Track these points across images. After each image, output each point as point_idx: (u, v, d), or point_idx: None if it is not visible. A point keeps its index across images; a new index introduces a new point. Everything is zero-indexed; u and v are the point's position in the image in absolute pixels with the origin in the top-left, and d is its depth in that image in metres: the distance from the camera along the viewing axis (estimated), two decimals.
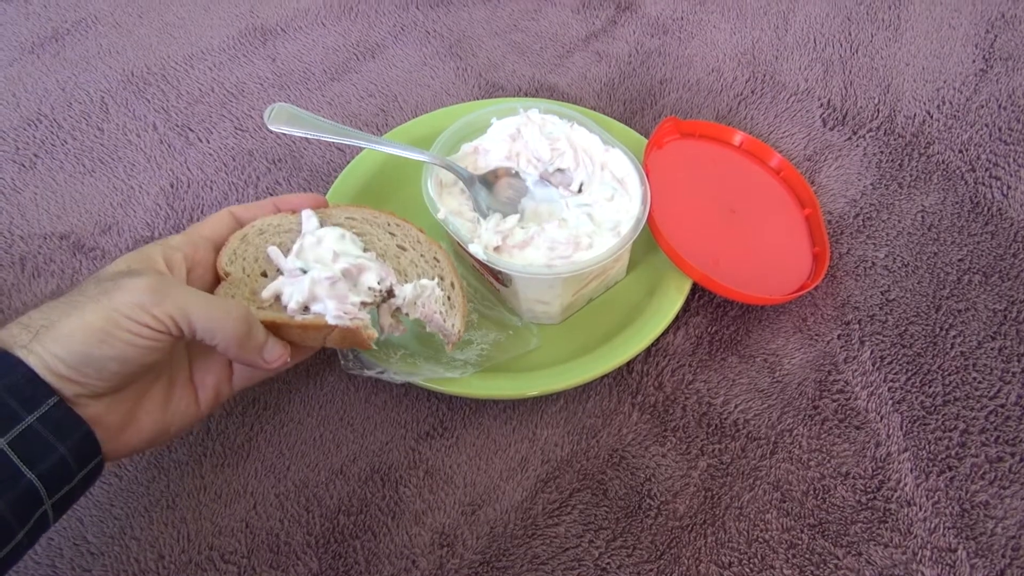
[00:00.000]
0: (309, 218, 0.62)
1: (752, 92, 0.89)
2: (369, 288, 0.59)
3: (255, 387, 0.68)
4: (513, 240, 0.65)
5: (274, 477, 0.63)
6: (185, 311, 0.49)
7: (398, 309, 0.61)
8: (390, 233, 0.64)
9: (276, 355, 0.54)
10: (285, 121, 0.67)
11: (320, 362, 0.70)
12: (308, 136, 0.67)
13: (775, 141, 0.85)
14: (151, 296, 0.48)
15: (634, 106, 0.88)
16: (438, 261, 0.64)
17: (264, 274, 0.60)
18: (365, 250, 0.62)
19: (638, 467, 0.63)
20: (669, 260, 0.69)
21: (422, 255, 0.63)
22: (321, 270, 0.58)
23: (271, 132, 0.84)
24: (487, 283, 0.71)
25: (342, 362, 0.64)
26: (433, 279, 0.62)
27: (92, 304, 0.47)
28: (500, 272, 0.66)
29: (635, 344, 0.66)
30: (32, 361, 0.45)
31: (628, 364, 0.69)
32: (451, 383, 0.64)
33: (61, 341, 0.45)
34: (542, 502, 0.62)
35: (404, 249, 0.63)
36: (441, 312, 0.62)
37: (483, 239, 0.65)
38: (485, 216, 0.68)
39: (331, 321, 0.55)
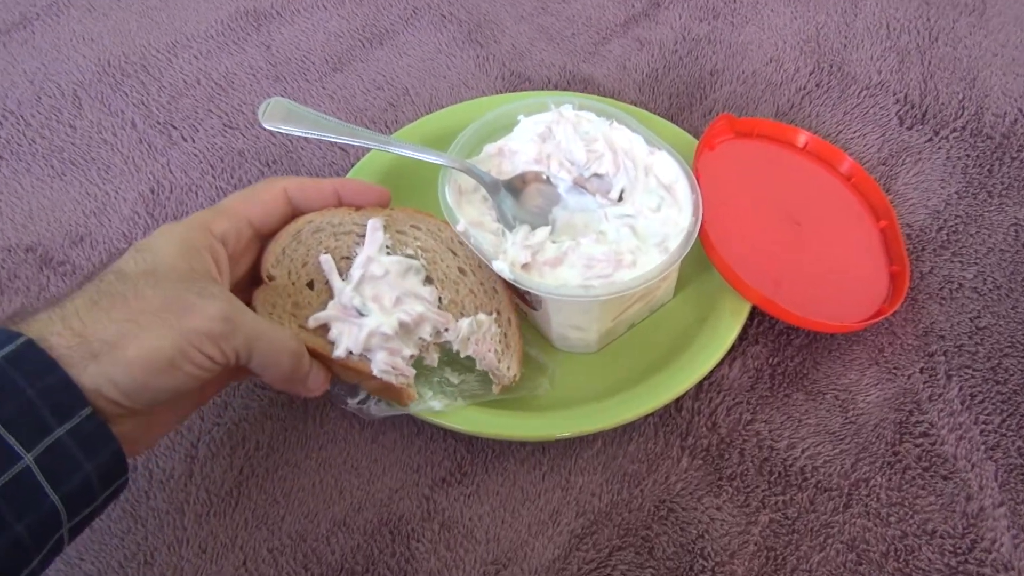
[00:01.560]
0: (375, 232, 0.64)
1: (817, 86, 0.88)
2: (420, 338, 0.62)
3: (245, 424, 0.67)
4: (543, 256, 0.65)
5: (267, 529, 0.63)
6: (252, 347, 0.52)
7: (446, 342, 0.63)
8: (452, 252, 0.66)
9: (318, 385, 0.59)
10: (281, 118, 0.67)
11: (322, 397, 0.69)
12: (307, 135, 0.67)
13: (845, 142, 0.84)
14: (225, 327, 0.50)
15: (681, 101, 0.87)
16: (496, 292, 0.66)
17: (311, 285, 0.62)
18: (427, 279, 0.64)
19: (689, 521, 0.62)
20: (724, 280, 0.68)
21: (482, 283, 0.65)
22: (380, 319, 0.60)
23: (265, 130, 0.84)
24: (521, 314, 0.71)
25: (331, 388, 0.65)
26: (491, 313, 0.64)
27: (160, 325, 0.48)
28: (529, 294, 0.65)
29: (684, 378, 0.65)
30: (85, 383, 0.45)
31: (676, 401, 0.68)
32: (466, 418, 0.63)
33: (123, 366, 0.46)
34: (577, 561, 0.61)
35: (464, 274, 0.65)
36: (496, 351, 0.64)
37: (509, 255, 0.64)
38: (511, 228, 0.67)
39: (376, 373, 0.59)
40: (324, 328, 0.60)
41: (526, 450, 0.66)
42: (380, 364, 0.59)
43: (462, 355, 0.63)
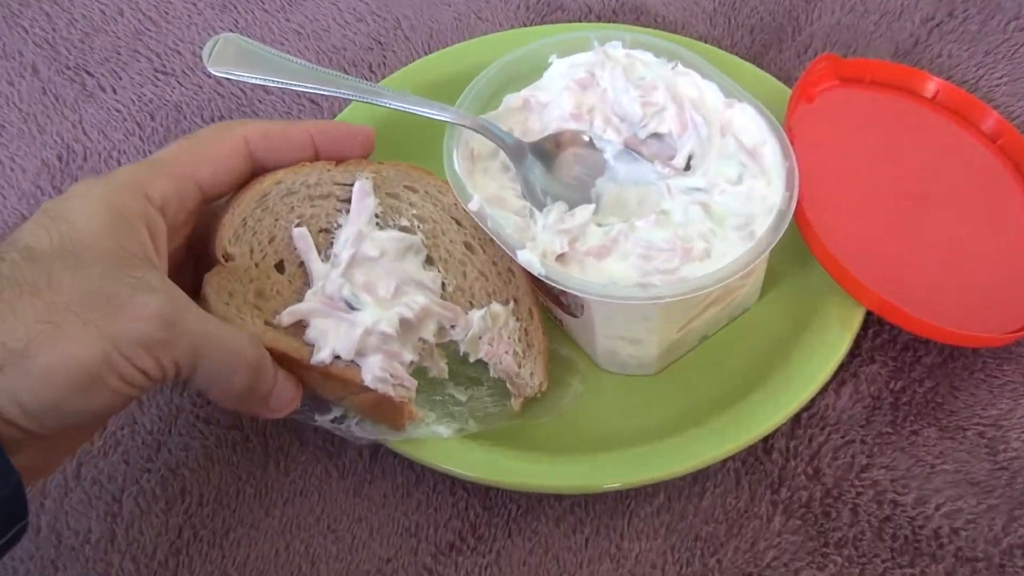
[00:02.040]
0: (364, 198, 0.65)
1: (950, 15, 0.88)
2: (421, 339, 0.63)
3: (184, 470, 0.67)
4: (586, 244, 0.65)
5: None
6: (197, 357, 0.52)
7: (450, 342, 0.64)
8: (456, 222, 0.67)
9: (285, 402, 0.59)
10: (232, 60, 0.67)
11: (287, 430, 0.69)
12: (266, 83, 0.67)
13: (988, 91, 0.83)
14: (165, 332, 0.50)
15: (767, 37, 0.87)
16: (512, 275, 0.67)
17: (280, 267, 0.63)
18: (428, 260, 0.65)
19: None
20: (828, 276, 0.68)
21: (494, 262, 0.66)
22: (377, 314, 0.61)
23: (211, 77, 0.84)
24: (545, 308, 0.71)
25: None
26: (507, 303, 0.65)
27: (80, 328, 0.48)
28: (565, 295, 0.65)
29: (776, 408, 0.65)
30: None
31: (766, 440, 0.67)
32: (480, 462, 0.64)
33: (31, 381, 0.47)
34: None
35: (472, 251, 0.66)
36: (516, 352, 0.65)
37: (539, 243, 0.64)
38: (541, 206, 0.67)
39: (370, 383, 0.60)
40: (298, 325, 0.61)
41: (563, 506, 0.66)
42: (375, 371, 0.60)
43: (472, 358, 0.64)
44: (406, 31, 0.88)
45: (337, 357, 0.60)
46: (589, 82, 0.72)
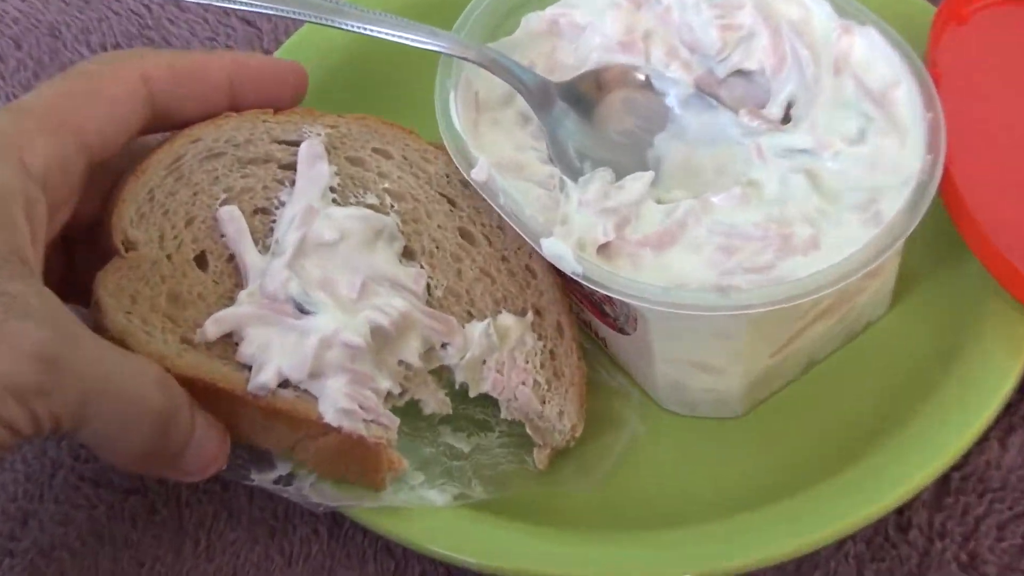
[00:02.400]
0: (314, 163, 0.66)
1: None
2: (402, 363, 0.63)
3: (63, 554, 0.67)
4: (640, 229, 0.65)
5: None
6: (84, 407, 0.53)
7: (444, 369, 0.64)
8: (448, 201, 0.68)
9: (204, 462, 0.60)
10: None
11: (210, 496, 0.69)
12: None
13: None
14: (43, 375, 0.51)
15: None
16: (533, 275, 0.67)
17: (202, 259, 0.63)
18: (406, 251, 0.66)
19: None
20: (989, 276, 0.68)
21: (504, 257, 0.67)
22: (338, 318, 0.61)
23: None
24: (581, 322, 0.70)
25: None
26: (524, 313, 0.66)
27: None
28: (611, 302, 0.65)
29: (913, 467, 0.65)
30: None
31: (900, 512, 0.67)
32: (497, 547, 0.63)
33: None
34: None
35: (472, 241, 0.67)
36: (538, 383, 0.65)
37: (573, 227, 0.64)
38: (577, 175, 0.67)
39: (329, 418, 0.59)
40: (228, 341, 0.61)
41: None
42: (337, 400, 0.60)
43: (473, 391, 0.64)
44: None
45: (285, 384, 0.60)
46: None
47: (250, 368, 0.60)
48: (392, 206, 0.66)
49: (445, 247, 0.66)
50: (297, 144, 0.65)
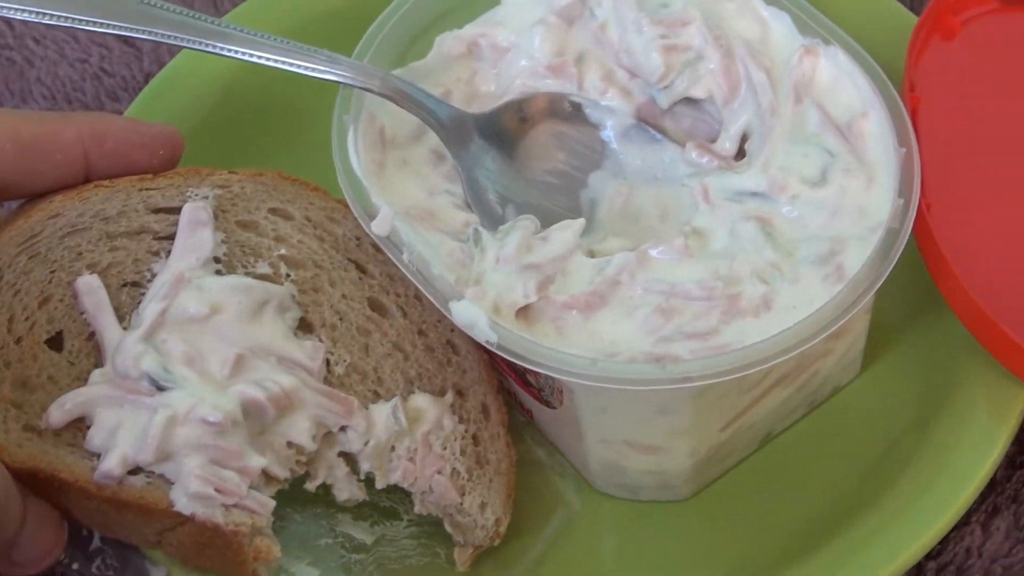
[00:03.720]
0: (196, 230, 0.66)
1: None
2: (289, 444, 0.63)
3: None
4: (567, 289, 0.64)
5: None
6: None
7: (348, 456, 0.64)
8: (358, 267, 0.68)
9: (37, 554, 0.61)
10: None
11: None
12: (36, 19, 0.67)
13: None
14: None
15: None
16: (454, 351, 0.68)
17: (56, 341, 0.64)
18: (303, 322, 0.66)
19: None
20: (969, 335, 0.67)
21: (421, 331, 0.68)
22: (198, 392, 0.61)
23: None
24: (506, 392, 0.70)
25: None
26: (444, 393, 0.66)
27: None
28: (535, 375, 0.65)
29: (885, 554, 0.65)
30: None
31: None
32: None
33: None
34: None
35: (383, 313, 0.67)
36: (457, 472, 0.65)
37: (488, 287, 0.64)
38: (497, 222, 0.67)
39: (181, 506, 0.59)
40: (79, 427, 0.61)
41: None
42: (190, 485, 0.60)
43: (379, 482, 0.64)
44: None
45: (137, 471, 0.60)
46: (579, 11, 0.71)
47: (99, 456, 0.60)
48: (288, 275, 0.66)
49: (350, 319, 0.66)
50: (179, 211, 0.65)
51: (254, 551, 0.61)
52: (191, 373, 0.62)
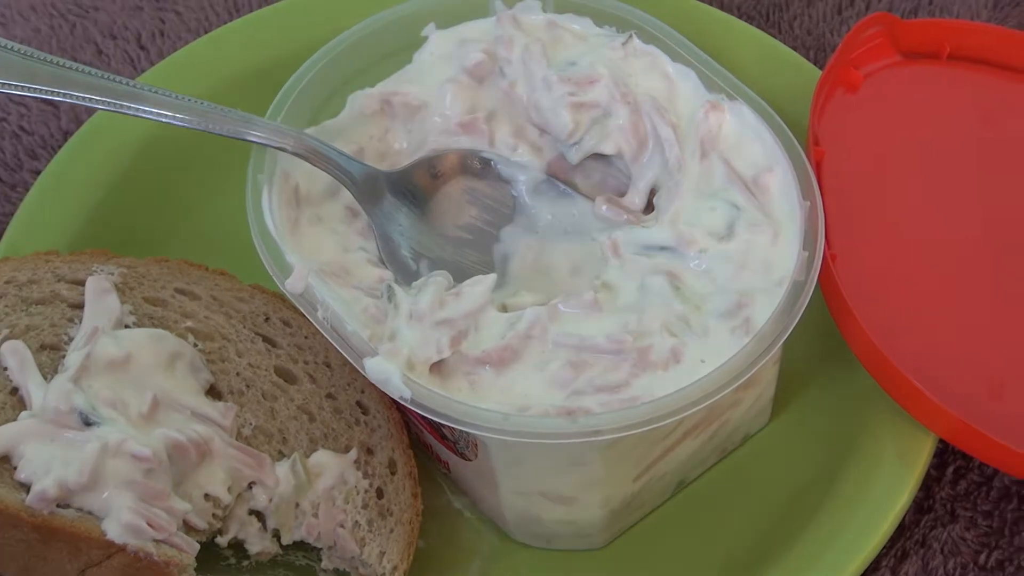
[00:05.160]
0: (102, 296, 0.67)
1: None
2: (207, 496, 0.63)
3: None
4: (480, 344, 0.65)
5: None
6: None
7: (258, 514, 0.65)
8: (266, 340, 0.69)
9: None
10: None
11: None
12: None
13: None
14: None
15: None
16: (363, 411, 0.68)
17: None
18: (212, 390, 0.67)
19: None
20: (874, 382, 0.68)
21: (330, 395, 0.69)
22: (124, 428, 0.62)
23: None
24: (422, 444, 0.70)
25: None
26: (349, 450, 0.67)
27: None
28: (448, 429, 0.65)
29: None
30: None
31: None
32: None
33: None
34: None
35: (292, 380, 0.68)
36: (358, 523, 0.65)
37: (402, 343, 0.64)
38: (413, 277, 0.67)
39: (114, 535, 0.60)
40: (4, 467, 0.61)
41: None
42: (122, 515, 0.60)
43: (284, 536, 0.65)
44: None
45: (66, 505, 0.60)
46: (489, 70, 0.72)
47: (28, 488, 0.60)
48: (196, 345, 0.67)
49: (257, 386, 0.67)
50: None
51: None
52: (116, 415, 0.62)
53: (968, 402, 0.66)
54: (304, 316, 0.65)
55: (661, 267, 0.67)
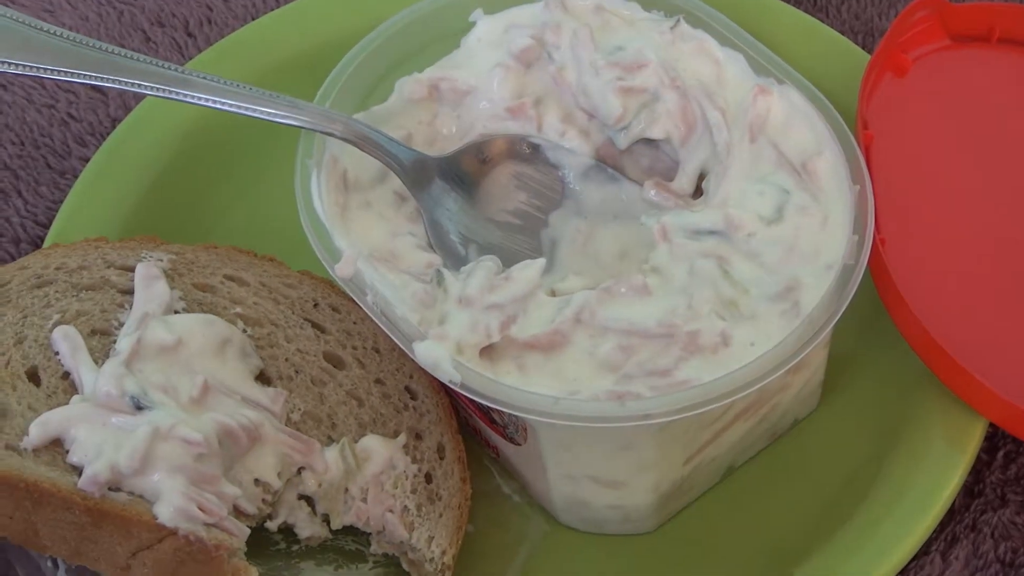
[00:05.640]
0: (151, 283, 0.67)
1: None
2: (258, 481, 0.64)
3: None
4: (528, 328, 0.64)
5: None
6: None
7: (308, 499, 0.65)
8: (315, 326, 0.70)
9: None
10: None
11: None
12: (7, 69, 0.68)
13: None
14: None
15: None
16: (411, 396, 0.69)
17: (33, 375, 0.65)
18: (261, 376, 0.67)
19: None
20: (927, 369, 0.68)
21: (379, 380, 0.69)
22: (175, 413, 0.62)
23: None
24: (471, 429, 0.71)
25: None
26: (397, 435, 0.67)
27: None
28: (497, 412, 0.65)
29: None
30: None
31: None
32: None
33: None
34: None
35: (340, 366, 0.69)
36: (407, 508, 0.66)
37: (451, 328, 0.64)
38: (460, 263, 0.67)
39: (166, 519, 0.60)
40: (57, 451, 0.62)
41: None
42: (174, 499, 0.60)
43: (334, 521, 0.66)
44: None
45: (117, 488, 0.61)
46: (537, 55, 0.72)
47: (80, 471, 0.60)
48: (245, 331, 0.67)
49: (306, 371, 0.67)
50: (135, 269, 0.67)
51: (232, 570, 0.61)
52: (167, 399, 0.63)
53: (1019, 386, 0.66)
54: (353, 301, 0.66)
55: (710, 251, 0.66)
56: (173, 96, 0.68)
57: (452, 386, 0.62)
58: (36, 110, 0.84)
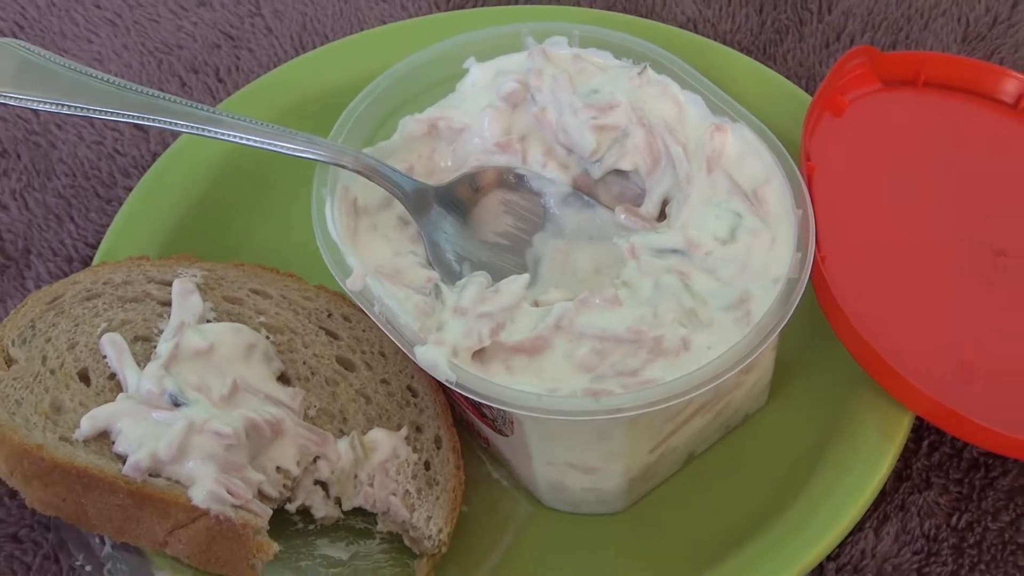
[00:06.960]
0: (187, 296, 0.69)
1: None
2: (279, 469, 0.65)
3: None
4: (514, 334, 0.65)
5: None
6: None
7: (322, 484, 0.66)
8: (328, 334, 0.71)
9: None
10: (12, 76, 0.68)
11: None
12: (57, 109, 0.68)
13: None
14: None
15: (780, 21, 0.87)
16: (413, 395, 0.70)
17: (84, 376, 0.67)
18: (281, 377, 0.68)
19: None
20: (859, 367, 0.68)
21: (384, 380, 0.70)
22: (209, 412, 0.64)
23: None
24: (465, 423, 0.71)
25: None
26: (400, 428, 0.68)
27: None
28: (488, 407, 0.65)
29: (788, 557, 0.65)
30: None
31: None
32: None
33: None
34: None
35: (350, 368, 0.70)
36: (409, 492, 0.67)
37: (448, 334, 0.64)
38: (456, 277, 0.68)
39: (199, 501, 0.61)
40: (104, 441, 0.64)
41: None
42: (207, 484, 0.62)
43: (345, 503, 0.67)
44: (268, 20, 0.88)
45: (156, 475, 0.62)
46: (522, 97, 0.72)
47: (124, 459, 0.62)
48: (268, 337, 0.69)
49: (320, 372, 0.68)
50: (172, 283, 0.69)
51: (256, 546, 0.62)
52: (201, 397, 0.64)
53: (941, 384, 0.67)
54: (362, 311, 0.66)
55: (673, 267, 0.67)
56: (206, 133, 0.69)
57: (448, 385, 0.63)
58: (87, 146, 0.84)
